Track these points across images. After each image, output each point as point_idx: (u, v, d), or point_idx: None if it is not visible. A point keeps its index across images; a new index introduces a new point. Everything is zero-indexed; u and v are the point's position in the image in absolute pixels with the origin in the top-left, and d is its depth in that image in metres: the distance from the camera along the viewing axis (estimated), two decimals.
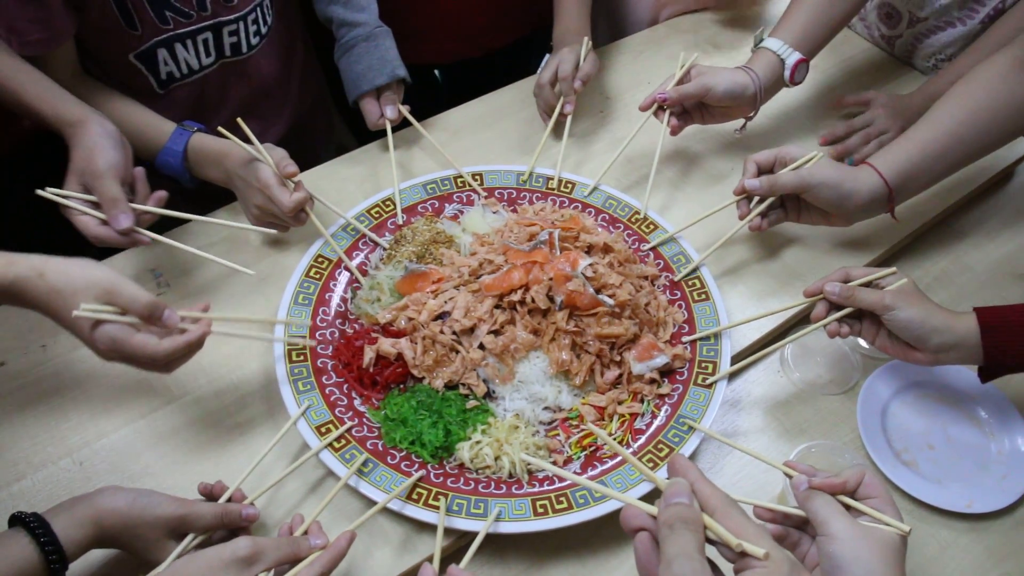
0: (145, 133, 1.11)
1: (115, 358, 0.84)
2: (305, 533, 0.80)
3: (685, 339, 1.05)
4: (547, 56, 1.34)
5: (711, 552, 0.60)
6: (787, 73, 1.20)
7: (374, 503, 0.88)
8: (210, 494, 0.84)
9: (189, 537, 0.79)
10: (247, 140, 1.05)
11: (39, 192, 0.95)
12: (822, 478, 0.72)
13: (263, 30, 1.27)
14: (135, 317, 0.83)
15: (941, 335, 0.90)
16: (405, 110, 1.27)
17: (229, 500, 0.84)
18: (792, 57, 1.19)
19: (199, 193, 1.18)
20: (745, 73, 1.19)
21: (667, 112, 1.21)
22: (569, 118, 1.27)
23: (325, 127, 1.57)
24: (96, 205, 0.97)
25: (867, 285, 0.95)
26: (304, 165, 1.16)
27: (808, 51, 1.21)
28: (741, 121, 1.27)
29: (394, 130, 1.26)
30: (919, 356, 0.92)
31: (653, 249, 1.15)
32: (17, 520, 0.75)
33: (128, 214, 0.96)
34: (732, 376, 1.02)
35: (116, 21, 1.10)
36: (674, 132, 1.22)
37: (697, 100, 1.20)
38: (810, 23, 1.21)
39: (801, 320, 1.11)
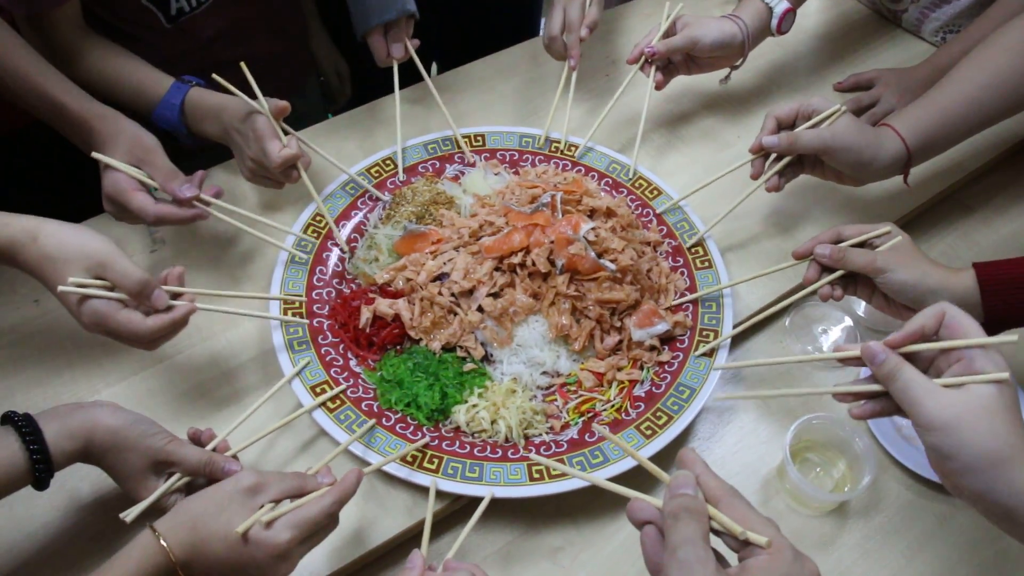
0: (143, 85, 1.09)
1: (99, 331, 0.83)
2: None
3: (686, 298, 1.04)
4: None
5: (715, 543, 0.60)
6: (775, 22, 1.18)
7: (367, 464, 0.87)
8: (198, 440, 0.83)
9: (175, 477, 0.78)
10: (249, 89, 1.02)
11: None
12: (894, 335, 0.69)
13: None
14: (123, 293, 0.82)
15: (938, 296, 0.86)
16: (412, 46, 1.22)
17: (214, 450, 0.83)
18: (780, 6, 1.17)
19: (199, 155, 1.16)
20: (732, 22, 1.17)
21: (652, 67, 1.19)
22: (575, 76, 1.24)
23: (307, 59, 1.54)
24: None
25: (861, 245, 0.92)
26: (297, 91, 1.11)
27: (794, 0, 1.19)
28: (725, 71, 1.25)
29: (401, 85, 1.22)
30: None
31: (658, 216, 1.13)
32: (8, 420, 0.73)
33: (191, 184, 0.96)
34: (733, 347, 1.00)
35: None
36: (659, 87, 1.20)
37: (685, 52, 1.18)
38: None
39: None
